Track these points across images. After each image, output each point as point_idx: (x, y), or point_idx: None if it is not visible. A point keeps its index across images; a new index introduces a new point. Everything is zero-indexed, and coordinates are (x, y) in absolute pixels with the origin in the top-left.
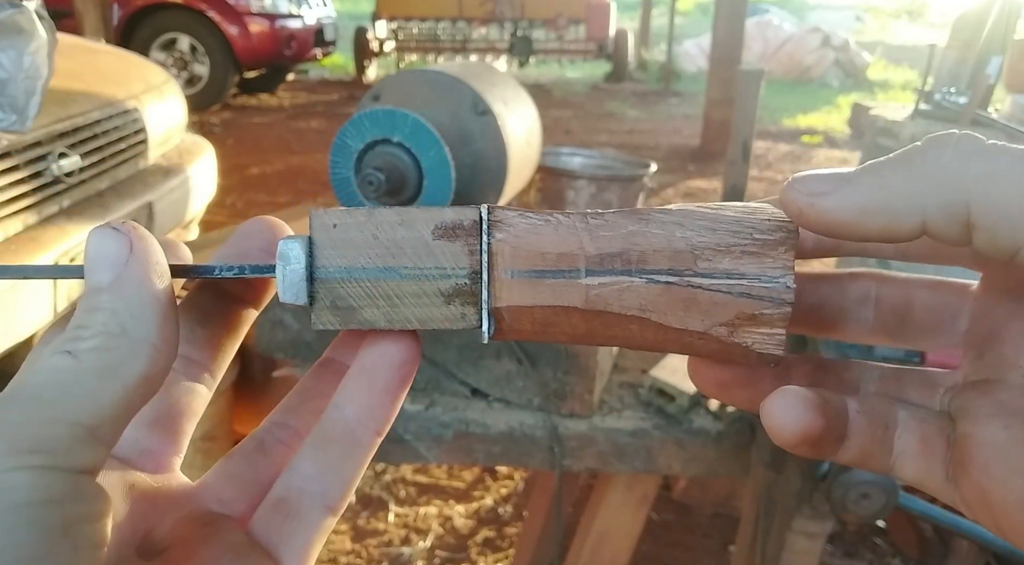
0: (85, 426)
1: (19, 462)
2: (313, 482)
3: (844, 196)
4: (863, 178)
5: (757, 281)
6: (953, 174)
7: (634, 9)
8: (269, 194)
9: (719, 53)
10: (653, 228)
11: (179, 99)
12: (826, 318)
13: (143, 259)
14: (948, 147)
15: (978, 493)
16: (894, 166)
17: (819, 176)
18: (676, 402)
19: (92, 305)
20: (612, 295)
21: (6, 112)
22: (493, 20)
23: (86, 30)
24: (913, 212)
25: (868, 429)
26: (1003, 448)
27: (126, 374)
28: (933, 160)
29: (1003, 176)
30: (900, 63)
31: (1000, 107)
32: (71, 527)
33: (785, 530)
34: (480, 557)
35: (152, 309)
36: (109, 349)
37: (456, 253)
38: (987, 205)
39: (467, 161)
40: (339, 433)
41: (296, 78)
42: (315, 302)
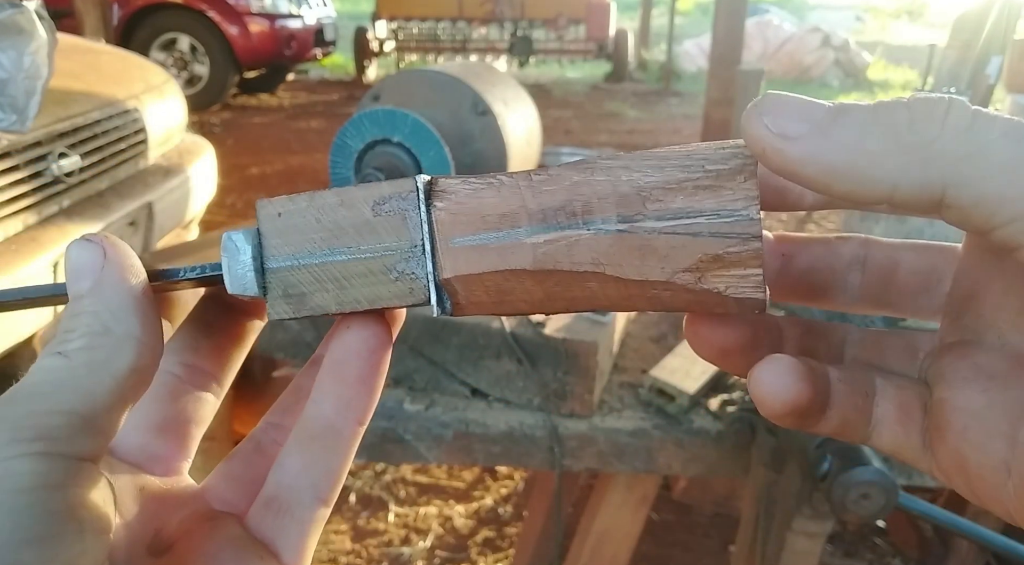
0: (81, 416)
1: (21, 450)
2: (301, 477)
3: (816, 148)
4: (840, 133)
5: (716, 217)
6: (936, 154)
7: (634, 9)
8: (269, 194)
9: (719, 53)
10: (597, 176)
11: (179, 99)
12: (817, 284)
13: (117, 263)
14: (936, 121)
15: (955, 459)
16: (875, 127)
17: (790, 109)
18: (676, 402)
19: (75, 311)
20: (560, 251)
21: (6, 112)
22: (493, 20)
23: (86, 30)
24: (883, 184)
25: (849, 399)
26: (980, 412)
27: (115, 367)
28: (919, 133)
29: (986, 157)
30: (900, 63)
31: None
32: (75, 511)
33: (785, 530)
34: (480, 557)
35: (131, 306)
36: (96, 347)
37: (397, 227)
38: (965, 187)
39: (467, 161)
40: (320, 428)
41: (296, 78)
42: (268, 293)
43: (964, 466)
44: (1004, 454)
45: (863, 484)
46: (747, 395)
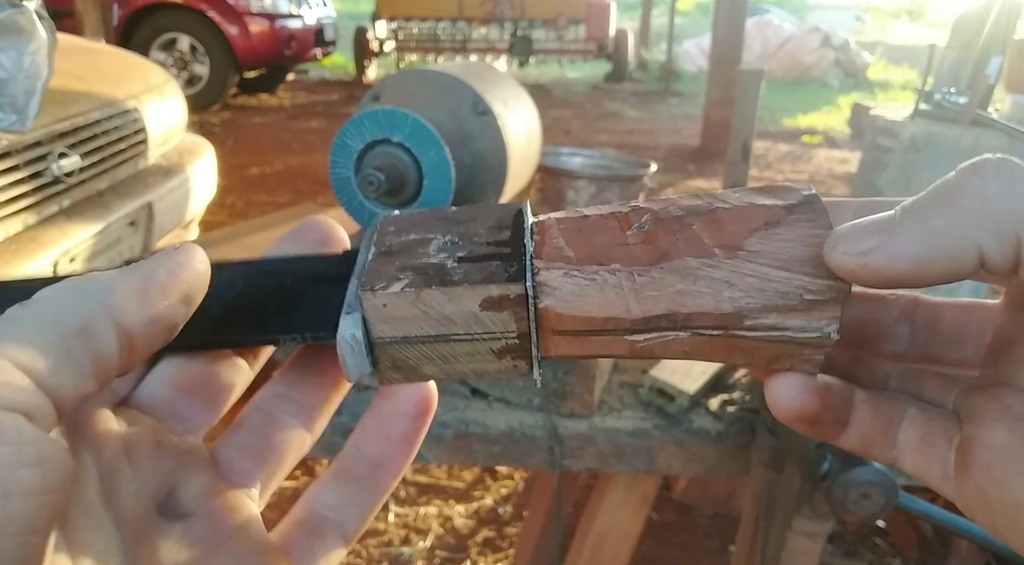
0: (19, 364)
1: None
2: (335, 512)
3: (894, 249)
4: (907, 227)
5: (801, 331)
6: (1003, 208)
7: (634, 9)
8: (269, 194)
9: (719, 53)
10: (700, 286)
11: (179, 99)
12: (867, 335)
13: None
14: (987, 177)
15: (978, 494)
16: (935, 206)
17: (860, 230)
18: (676, 402)
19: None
20: (658, 346)
21: (6, 112)
22: (493, 20)
23: (86, 30)
24: (969, 252)
25: (871, 420)
26: (1004, 451)
27: (65, 320)
28: (975, 194)
29: None
30: (900, 63)
31: (1000, 107)
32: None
33: (785, 530)
34: (480, 557)
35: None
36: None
37: (504, 320)
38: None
39: (467, 161)
40: (359, 472)
41: (296, 78)
42: (378, 365)
43: (986, 502)
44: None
45: (863, 484)
46: (747, 395)
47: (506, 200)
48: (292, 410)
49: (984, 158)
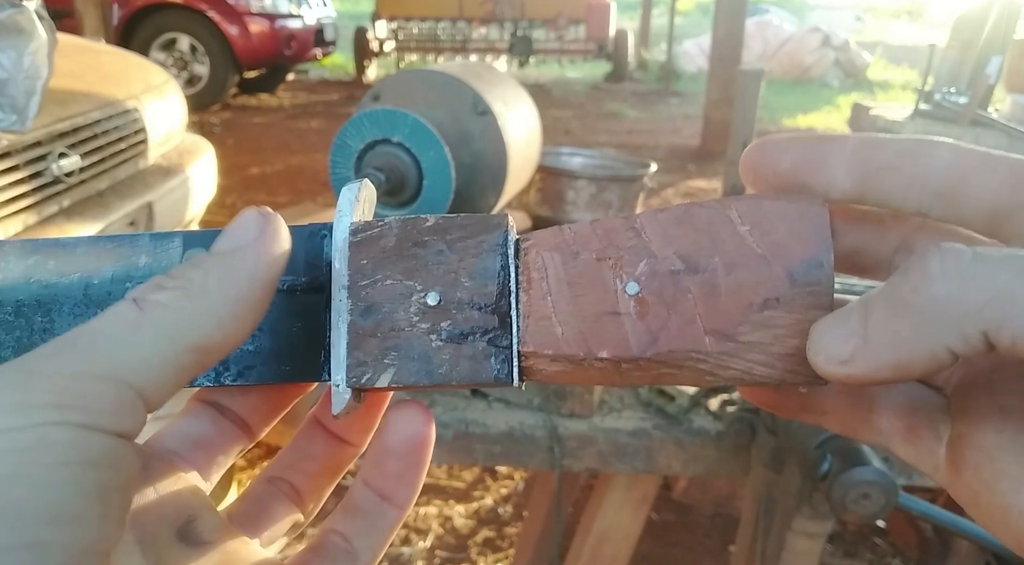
0: (132, 387)
1: (62, 417)
2: (346, 542)
3: (872, 359)
4: (877, 334)
5: None
6: (957, 311)
7: (634, 9)
8: (269, 194)
9: (719, 53)
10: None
11: (179, 99)
12: (860, 265)
13: (267, 244)
14: (934, 277)
15: (968, 493)
16: (896, 310)
17: (835, 337)
18: (676, 402)
19: (196, 261)
20: None
21: (6, 112)
22: (493, 20)
23: (86, 30)
24: (942, 355)
25: (847, 409)
26: (992, 453)
27: (179, 338)
28: (927, 299)
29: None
30: (900, 63)
31: (1000, 107)
32: (104, 492)
33: (785, 530)
34: (480, 557)
35: (244, 286)
36: (176, 308)
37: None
38: (1000, 328)
39: (467, 161)
40: (365, 508)
41: (296, 78)
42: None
43: (976, 501)
44: (1013, 496)
45: (863, 484)
46: None
47: (506, 200)
48: (288, 491)
49: (926, 251)
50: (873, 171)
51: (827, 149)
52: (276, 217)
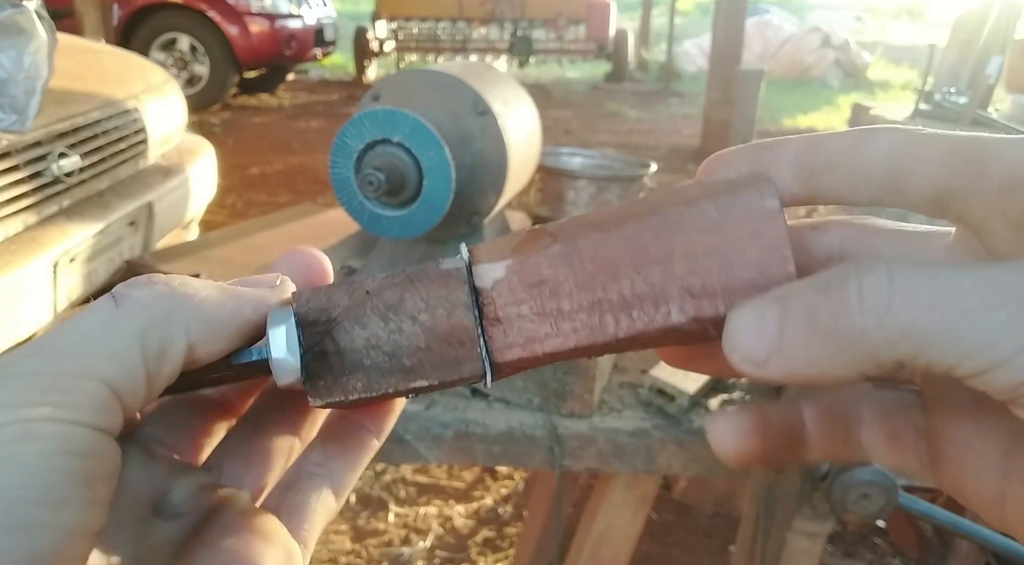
0: (109, 384)
1: (46, 414)
2: (320, 467)
3: (785, 367)
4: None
5: None
6: (871, 340)
7: (634, 9)
8: (269, 194)
9: (719, 53)
10: None
11: (179, 99)
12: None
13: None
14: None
15: (953, 485)
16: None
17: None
18: (676, 402)
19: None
20: None
21: (6, 112)
22: (493, 20)
23: (86, 30)
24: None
25: (827, 433)
26: (974, 444)
27: (148, 341)
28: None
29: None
30: (900, 63)
31: (1000, 107)
32: (89, 479)
33: (785, 530)
34: (480, 557)
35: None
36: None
37: None
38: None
39: (467, 161)
40: (344, 432)
41: (296, 78)
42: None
43: (962, 492)
44: (999, 485)
45: (863, 484)
46: (747, 395)
47: (506, 200)
48: (277, 419)
49: (846, 276)
50: (817, 172)
51: (771, 156)
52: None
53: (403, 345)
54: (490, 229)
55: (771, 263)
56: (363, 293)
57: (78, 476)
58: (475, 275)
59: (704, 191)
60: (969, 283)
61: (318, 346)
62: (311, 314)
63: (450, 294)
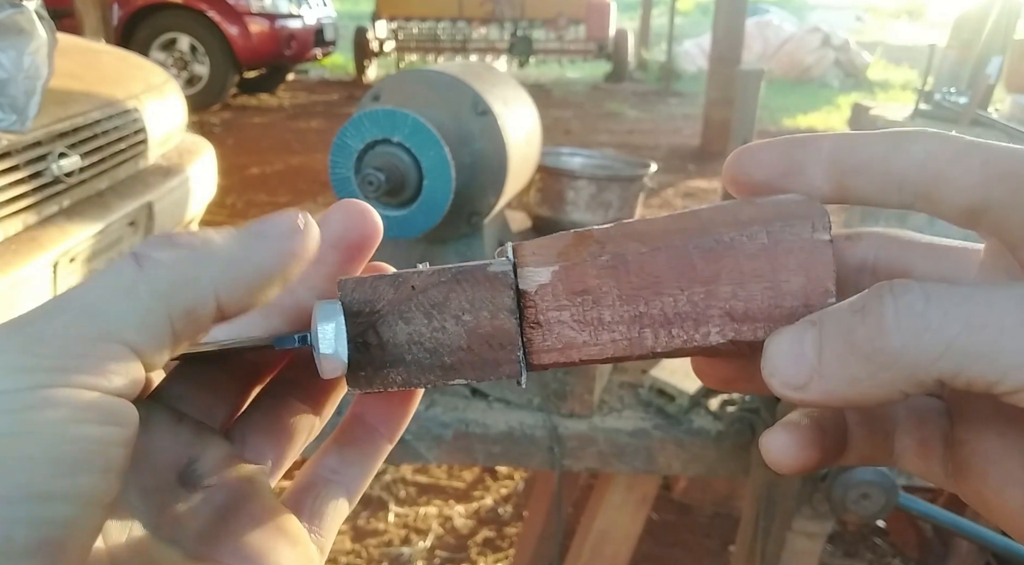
0: (131, 346)
1: (64, 379)
2: (336, 474)
3: (826, 391)
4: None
5: None
6: (909, 361)
7: (634, 9)
8: (269, 194)
9: (719, 53)
10: None
11: (179, 99)
12: None
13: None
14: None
15: (977, 498)
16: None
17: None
18: (676, 402)
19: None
20: None
21: (6, 112)
22: (493, 20)
23: (86, 30)
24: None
25: (868, 439)
26: (998, 457)
27: (173, 303)
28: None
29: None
30: (900, 63)
31: (1000, 107)
32: (105, 447)
33: (785, 530)
34: (480, 557)
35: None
36: (176, 269)
37: None
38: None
39: (467, 161)
40: (359, 436)
41: (296, 78)
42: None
43: (986, 506)
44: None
45: (863, 484)
46: (747, 395)
47: (506, 200)
48: (300, 395)
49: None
50: (850, 173)
51: (802, 155)
52: (312, 224)
53: (445, 343)
54: (490, 229)
55: (815, 293)
56: (409, 288)
57: (94, 444)
58: (520, 277)
59: (756, 213)
60: (1006, 301)
61: (361, 337)
62: (355, 305)
63: (495, 297)
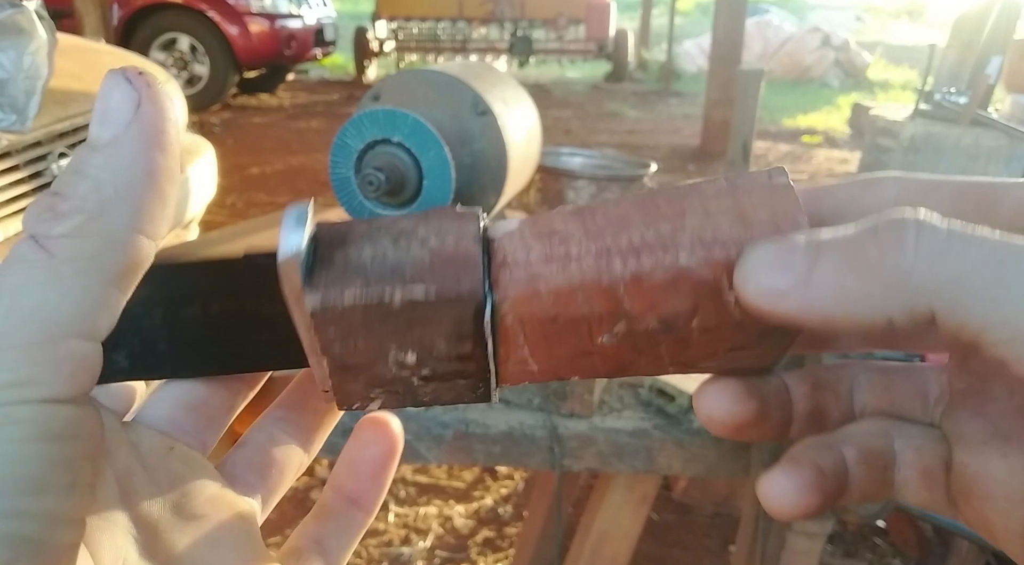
0: (83, 336)
1: (21, 395)
2: (318, 545)
3: (806, 300)
4: (822, 277)
5: None
6: (916, 285)
7: (634, 9)
8: (269, 194)
9: (719, 53)
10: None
11: (179, 99)
12: None
13: (148, 124)
14: (907, 247)
15: (981, 521)
16: (852, 263)
17: (775, 265)
18: (676, 402)
19: (80, 166)
20: None
21: (6, 112)
22: (493, 20)
23: (86, 30)
24: (878, 318)
25: (868, 476)
26: (1002, 479)
27: (106, 268)
28: (892, 265)
29: (965, 284)
30: (900, 63)
31: (1000, 107)
32: (71, 463)
33: (785, 530)
34: (480, 557)
35: (143, 186)
36: (85, 236)
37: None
38: (950, 314)
39: (467, 161)
40: (337, 509)
41: (296, 78)
42: None
43: (991, 529)
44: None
45: None
46: None
47: (506, 200)
48: (291, 431)
49: (904, 221)
50: (826, 220)
51: None
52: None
53: (407, 262)
54: None
55: (785, 224)
56: (380, 223)
57: (59, 461)
58: (489, 229)
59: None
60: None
61: (327, 254)
62: (327, 234)
63: (462, 227)
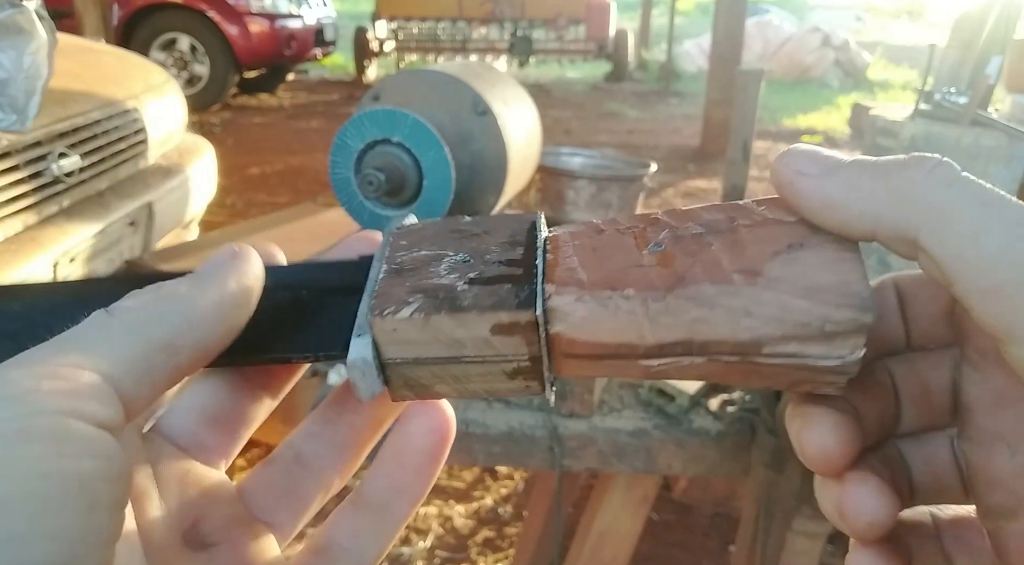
0: (107, 377)
1: (42, 405)
2: (352, 541)
3: (820, 184)
4: (843, 173)
5: (823, 359)
6: (915, 196)
7: (634, 9)
8: (269, 194)
9: (719, 53)
10: (718, 315)
11: (179, 99)
12: None
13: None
14: (924, 169)
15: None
16: (874, 170)
17: (812, 155)
18: (676, 402)
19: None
20: (673, 370)
21: (6, 112)
22: (493, 20)
23: (86, 30)
24: (868, 218)
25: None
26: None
27: (149, 335)
28: (905, 177)
29: (955, 214)
30: (900, 63)
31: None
32: (89, 482)
33: (785, 530)
34: (480, 557)
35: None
36: (145, 309)
37: (516, 344)
38: (932, 236)
39: (467, 161)
40: (376, 501)
41: (296, 78)
42: (390, 384)
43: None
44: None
45: None
46: (747, 395)
47: (506, 200)
48: (323, 450)
49: (930, 156)
50: None
51: None
52: (249, 249)
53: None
54: None
55: None
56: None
57: (74, 479)
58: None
59: None
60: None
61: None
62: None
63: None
